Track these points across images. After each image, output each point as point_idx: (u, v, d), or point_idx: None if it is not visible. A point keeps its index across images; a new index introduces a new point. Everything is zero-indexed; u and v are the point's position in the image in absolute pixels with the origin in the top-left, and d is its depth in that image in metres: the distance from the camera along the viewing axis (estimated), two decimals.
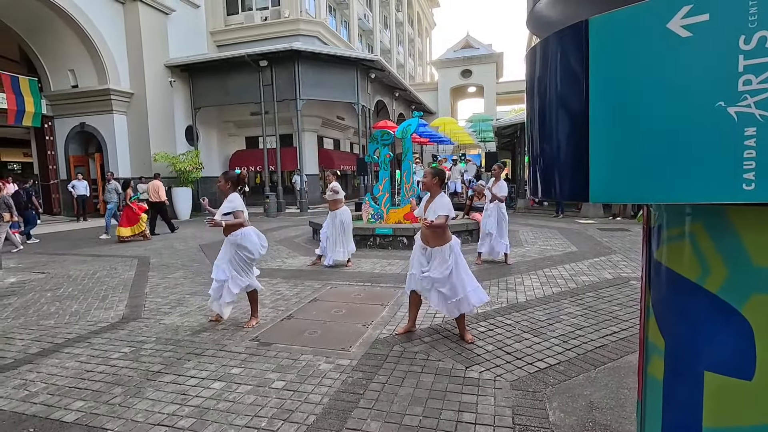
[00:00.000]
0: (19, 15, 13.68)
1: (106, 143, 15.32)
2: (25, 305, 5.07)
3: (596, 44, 0.73)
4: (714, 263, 0.81)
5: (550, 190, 0.87)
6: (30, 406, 2.74)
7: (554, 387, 2.83)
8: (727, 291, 0.79)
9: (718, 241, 0.80)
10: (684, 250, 0.87)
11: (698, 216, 0.84)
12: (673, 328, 0.90)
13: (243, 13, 19.58)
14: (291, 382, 2.96)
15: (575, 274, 5.80)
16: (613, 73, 0.72)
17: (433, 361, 3.23)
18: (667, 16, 0.66)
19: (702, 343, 0.84)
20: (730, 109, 0.63)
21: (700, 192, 0.66)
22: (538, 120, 0.90)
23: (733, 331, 0.79)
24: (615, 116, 0.73)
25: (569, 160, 0.80)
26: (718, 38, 0.63)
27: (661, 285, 0.93)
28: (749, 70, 0.61)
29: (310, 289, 5.38)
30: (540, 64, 0.88)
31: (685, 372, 0.87)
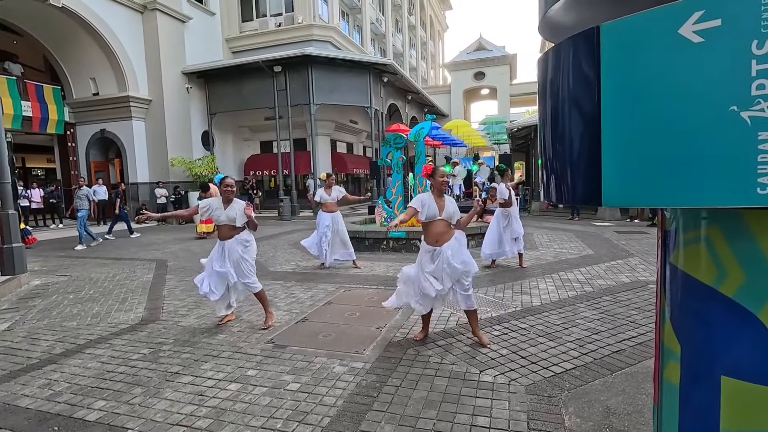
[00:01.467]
0: (45, 27, 14.16)
1: (125, 149, 15.71)
2: (48, 307, 5.23)
3: (608, 50, 0.74)
4: (730, 267, 0.81)
5: (563, 194, 0.88)
6: (54, 405, 2.83)
7: (570, 392, 2.80)
8: (743, 295, 0.79)
9: (734, 244, 0.80)
10: (700, 253, 0.86)
11: (714, 219, 0.84)
12: (689, 333, 0.89)
13: (257, 20, 19.88)
14: (306, 384, 2.99)
15: (591, 278, 5.72)
16: (625, 78, 0.73)
17: (447, 365, 3.22)
18: (679, 22, 0.66)
19: (719, 348, 0.83)
20: (743, 114, 0.63)
21: (714, 196, 0.66)
22: (551, 125, 0.91)
23: (751, 336, 0.78)
24: (627, 121, 0.73)
25: (582, 165, 0.81)
26: (731, 43, 0.63)
27: (676, 289, 0.92)
28: (762, 74, 0.61)
29: (324, 292, 5.42)
30: (552, 69, 0.89)
31: (702, 377, 0.86)
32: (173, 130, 15.95)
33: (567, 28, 1.06)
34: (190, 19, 16.75)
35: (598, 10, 0.99)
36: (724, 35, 0.64)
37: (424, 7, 40.46)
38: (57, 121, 15.02)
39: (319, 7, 19.68)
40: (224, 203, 4.13)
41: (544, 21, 1.00)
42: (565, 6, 0.94)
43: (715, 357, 0.84)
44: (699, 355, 0.87)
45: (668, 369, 0.96)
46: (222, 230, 4.16)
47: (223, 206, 4.12)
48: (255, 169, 19.26)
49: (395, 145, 9.17)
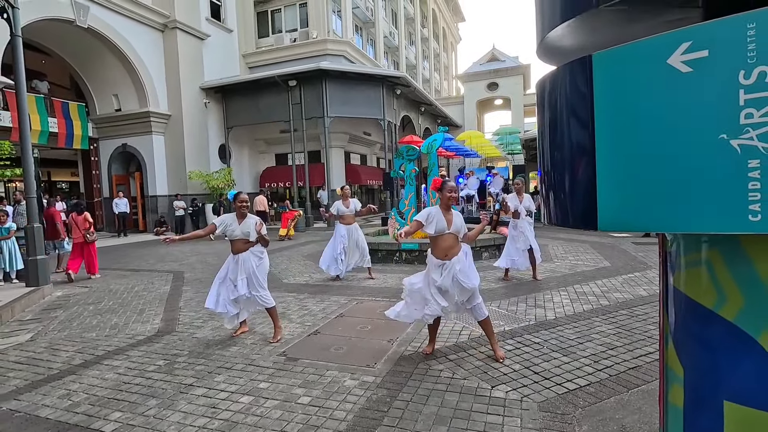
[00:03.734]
0: (72, 47, 14.77)
1: (145, 162, 16.15)
2: (69, 318, 5.37)
3: (600, 78, 0.75)
4: (730, 291, 0.81)
5: (562, 217, 0.89)
6: (72, 416, 2.89)
7: (584, 409, 2.74)
8: (743, 319, 0.78)
9: (733, 268, 0.80)
10: (701, 276, 0.86)
11: (714, 243, 0.84)
12: (691, 356, 0.89)
13: (273, 36, 20.38)
14: (317, 398, 3.00)
15: (608, 291, 5.61)
16: (617, 106, 0.74)
17: (459, 380, 3.20)
18: (668, 52, 0.68)
19: (721, 372, 0.82)
20: (732, 142, 0.64)
21: (707, 223, 0.67)
22: (549, 149, 0.93)
23: (752, 361, 0.77)
24: (620, 148, 0.74)
25: (579, 190, 0.82)
26: (719, 73, 0.65)
27: (678, 311, 0.92)
28: (750, 104, 0.62)
29: (336, 305, 5.44)
30: (548, 94, 0.91)
31: (705, 401, 0.85)
32: (191, 144, 16.35)
33: (565, 52, 1.08)
34: (209, 37, 17.26)
35: (595, 36, 1.01)
36: (711, 65, 0.65)
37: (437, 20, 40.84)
38: (81, 136, 15.57)
39: (333, 22, 20.08)
40: (238, 218, 4.22)
41: (542, 45, 1.02)
42: (562, 32, 0.96)
43: (717, 381, 0.83)
44: (702, 378, 0.86)
45: (672, 392, 0.95)
46: (237, 244, 4.23)
47: (238, 221, 4.21)
48: (270, 182, 19.55)
49: (408, 157, 9.22)
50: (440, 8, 41.08)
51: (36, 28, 12.56)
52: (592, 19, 0.92)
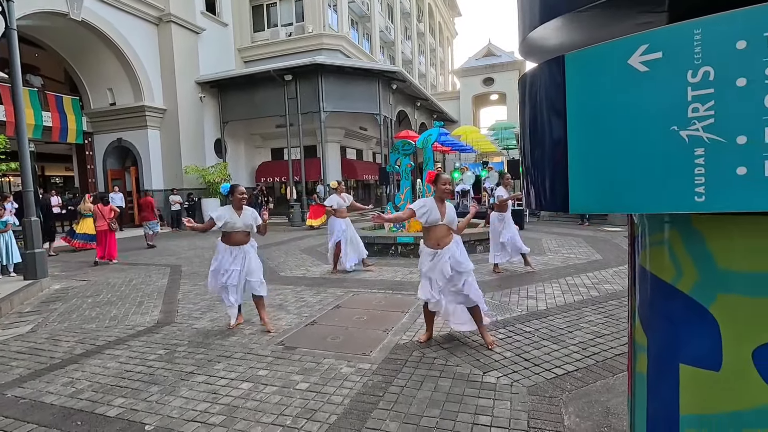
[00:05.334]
0: (65, 40, 14.67)
1: (141, 157, 16.11)
2: (69, 310, 5.43)
3: (571, 76, 0.84)
4: (686, 266, 0.90)
5: (539, 201, 0.98)
6: (77, 402, 2.98)
7: (571, 393, 2.86)
8: (697, 291, 0.88)
9: (689, 246, 0.89)
10: (662, 254, 0.96)
11: (674, 224, 0.93)
12: (653, 326, 0.99)
13: (268, 30, 20.29)
14: (314, 384, 3.10)
15: (598, 283, 5.74)
16: (586, 100, 0.83)
17: (451, 366, 3.31)
18: (628, 53, 0.77)
19: (677, 339, 0.92)
20: (682, 133, 0.73)
21: (660, 203, 0.76)
22: (529, 140, 1.02)
23: (704, 328, 0.87)
24: (588, 138, 0.83)
25: (554, 177, 0.91)
26: (670, 72, 0.73)
27: (644, 287, 1.02)
28: (696, 99, 0.71)
29: (333, 297, 5.53)
30: (528, 91, 1.00)
31: (664, 366, 0.95)
32: (187, 139, 16.32)
33: (546, 50, 1.17)
34: (204, 31, 17.17)
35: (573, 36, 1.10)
36: (665, 65, 0.74)
37: (433, 15, 40.74)
38: (76, 130, 15.47)
39: (329, 16, 20.01)
40: (237, 210, 4.29)
41: (523, 44, 1.11)
42: (542, 33, 1.05)
43: (675, 347, 0.93)
44: (662, 346, 0.96)
45: (638, 361, 1.05)
46: (237, 236, 4.30)
47: (237, 213, 4.28)
48: (266, 176, 19.55)
49: (404, 152, 9.31)
50: (436, 3, 40.96)
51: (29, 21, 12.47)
52: (568, 22, 1.00)
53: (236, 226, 4.26)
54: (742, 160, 0.69)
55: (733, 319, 0.84)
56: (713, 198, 0.71)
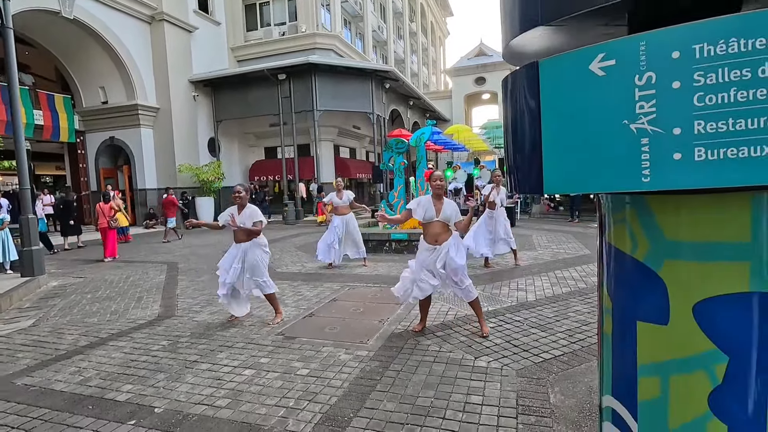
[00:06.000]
0: (57, 38, 14.60)
1: (134, 156, 16.09)
2: (69, 305, 5.52)
3: (544, 79, 1.00)
4: (640, 238, 1.07)
5: (519, 184, 1.15)
6: (86, 389, 3.10)
7: (557, 375, 3.04)
8: (648, 258, 1.04)
9: (642, 220, 1.05)
10: (623, 230, 1.12)
11: (631, 203, 1.10)
12: (617, 291, 1.15)
13: (262, 29, 20.32)
14: (314, 369, 3.25)
15: (586, 276, 5.95)
16: (556, 99, 0.99)
17: (445, 353, 3.48)
18: (588, 60, 0.93)
19: (635, 300, 1.08)
20: (631, 126, 0.89)
21: (615, 183, 0.92)
22: (511, 132, 1.18)
23: (654, 289, 1.03)
24: (557, 131, 0.99)
25: (531, 163, 1.07)
26: (622, 76, 0.89)
27: (608, 259, 1.18)
28: (642, 98, 0.88)
29: (329, 290, 5.68)
30: (510, 91, 1.16)
31: (625, 324, 1.11)
32: (180, 137, 16.33)
33: (524, 55, 1.33)
34: (197, 29, 17.18)
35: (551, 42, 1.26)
36: (618, 71, 0.90)
37: (425, 14, 40.94)
38: (68, 129, 15.39)
39: (322, 16, 20.10)
40: (238, 209, 4.41)
41: (507, 49, 1.27)
42: (521, 40, 1.22)
43: (633, 307, 1.09)
44: (623, 307, 1.12)
45: (605, 323, 1.21)
46: (238, 234, 4.42)
47: (237, 212, 4.40)
48: (260, 175, 19.61)
49: (397, 150, 9.46)
50: (428, 2, 41.17)
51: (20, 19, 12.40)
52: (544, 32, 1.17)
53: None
54: (678, 147, 0.85)
55: (677, 281, 1.00)
56: (656, 178, 0.88)
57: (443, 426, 2.44)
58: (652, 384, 1.06)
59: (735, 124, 0.81)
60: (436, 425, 2.46)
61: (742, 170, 0.82)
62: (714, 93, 0.83)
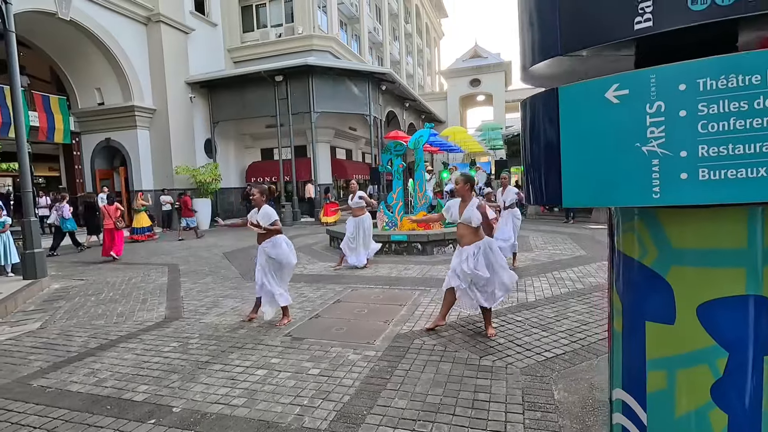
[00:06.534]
0: (53, 39, 14.55)
1: (130, 157, 16.05)
2: (74, 308, 5.56)
3: (563, 104, 1.12)
4: (649, 246, 1.18)
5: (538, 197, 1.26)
6: (102, 389, 3.17)
7: (560, 372, 3.17)
8: (656, 264, 1.16)
9: (651, 231, 1.17)
10: (632, 238, 1.24)
11: (639, 215, 1.22)
12: (626, 294, 1.27)
13: (258, 31, 20.35)
14: (325, 369, 3.35)
15: (583, 276, 6.10)
16: (574, 122, 1.10)
17: (451, 352, 3.59)
18: (605, 89, 1.04)
19: (643, 302, 1.20)
20: (643, 148, 1.01)
21: (628, 199, 1.04)
22: (530, 150, 1.29)
23: (662, 291, 1.15)
24: (576, 151, 1.11)
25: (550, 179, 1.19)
26: (634, 104, 1.01)
27: (618, 264, 1.30)
28: (653, 124, 0.99)
29: (332, 292, 5.77)
30: (529, 111, 1.27)
31: (634, 323, 1.23)
32: (177, 139, 16.32)
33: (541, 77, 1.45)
34: (193, 31, 17.17)
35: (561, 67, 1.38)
36: (631, 99, 1.01)
37: (420, 16, 41.13)
38: (63, 130, 15.32)
39: (318, 17, 20.17)
40: (257, 209, 4.50)
41: (524, 74, 1.39)
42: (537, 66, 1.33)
43: (641, 308, 1.21)
44: (632, 308, 1.24)
45: (615, 322, 1.33)
46: (258, 235, 4.50)
47: (257, 212, 4.50)
48: (256, 176, 19.62)
49: (395, 152, 9.57)
50: (423, 4, 41.37)
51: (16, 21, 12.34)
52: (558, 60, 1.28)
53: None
54: (685, 168, 0.97)
55: (683, 284, 1.12)
56: (666, 195, 0.99)
57: (454, 422, 2.55)
58: (660, 377, 1.18)
59: (734, 148, 0.93)
60: (447, 421, 2.57)
61: (740, 189, 0.94)
62: (716, 121, 0.95)
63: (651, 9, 0.98)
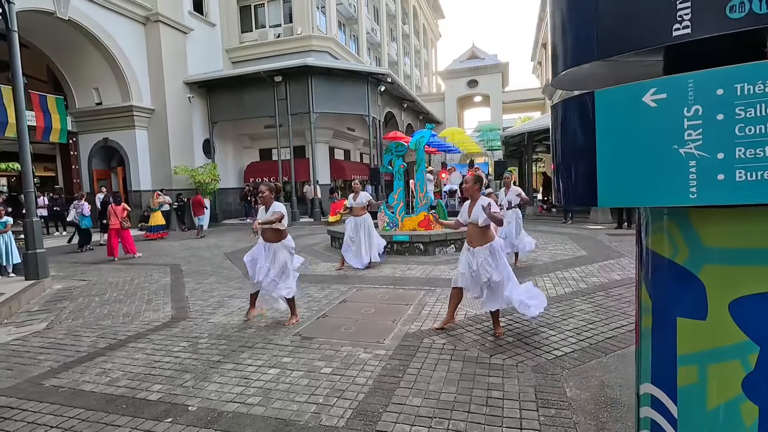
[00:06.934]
0: (50, 38, 14.47)
1: (128, 157, 15.99)
2: (78, 308, 5.55)
3: (600, 107, 1.15)
4: (680, 245, 1.23)
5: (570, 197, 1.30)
6: (116, 389, 3.18)
7: (570, 370, 3.21)
8: (689, 263, 1.20)
9: (682, 230, 1.21)
10: (663, 237, 1.28)
11: (669, 215, 1.26)
12: (657, 291, 1.31)
13: (257, 31, 20.33)
14: (337, 368, 3.38)
15: (586, 276, 6.16)
16: (611, 125, 1.14)
17: (461, 351, 3.63)
18: (642, 93, 1.08)
19: (675, 299, 1.24)
20: (680, 150, 1.05)
21: (665, 198, 1.08)
22: (562, 152, 1.33)
23: (694, 289, 1.19)
24: (612, 153, 1.15)
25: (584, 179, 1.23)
26: (672, 108, 1.05)
27: (649, 263, 1.34)
28: (690, 127, 1.03)
29: (337, 292, 5.80)
30: (562, 114, 1.31)
31: (665, 320, 1.27)
32: (176, 139, 16.27)
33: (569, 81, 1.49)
34: (192, 31, 17.14)
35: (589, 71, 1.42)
36: (668, 103, 1.05)
37: (418, 17, 41.23)
38: (60, 130, 15.23)
39: (317, 18, 20.18)
40: (266, 208, 4.51)
41: (555, 80, 1.43)
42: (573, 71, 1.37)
43: (673, 305, 1.25)
44: (663, 305, 1.28)
45: (644, 319, 1.37)
46: (266, 233, 4.50)
47: (265, 211, 4.50)
48: (255, 176, 19.59)
49: (396, 153, 9.61)
50: (420, 5, 41.47)
51: None
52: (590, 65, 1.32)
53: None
54: (721, 169, 1.01)
55: (715, 282, 1.16)
56: (702, 195, 1.03)
57: (470, 419, 2.59)
58: (691, 372, 1.22)
59: None
60: (463, 418, 2.60)
61: None
62: (752, 124, 0.99)
63: (690, 17, 1.02)
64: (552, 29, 1.36)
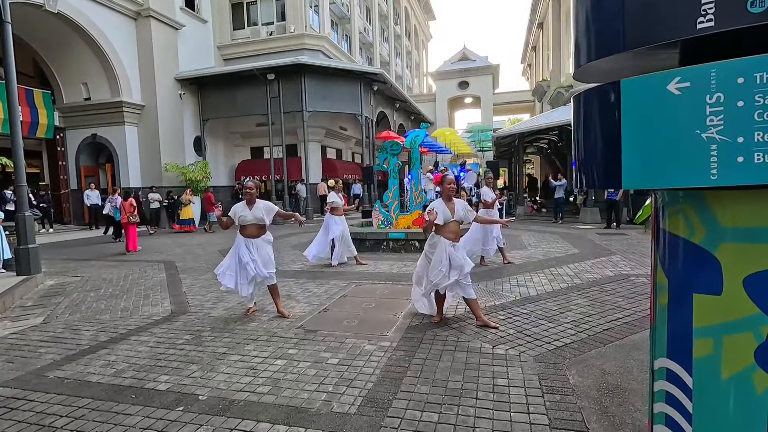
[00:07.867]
0: (38, 32, 14.19)
1: (117, 154, 15.76)
2: (74, 303, 5.49)
3: (626, 95, 1.23)
4: (697, 226, 1.31)
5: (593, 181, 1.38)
6: (123, 380, 3.18)
7: (571, 359, 3.31)
8: (705, 242, 1.29)
9: (699, 211, 1.30)
10: (679, 218, 1.37)
11: (685, 197, 1.35)
12: (673, 270, 1.39)
13: (249, 28, 20.22)
14: (343, 359, 3.42)
15: (579, 272, 6.31)
16: (636, 112, 1.22)
17: (463, 342, 3.71)
18: (667, 82, 1.16)
19: (692, 276, 1.33)
20: (703, 135, 1.13)
21: (687, 180, 1.16)
22: (583, 139, 1.41)
23: (711, 267, 1.28)
24: (637, 137, 1.22)
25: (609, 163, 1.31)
26: (695, 96, 1.13)
27: (664, 243, 1.43)
28: (712, 113, 1.12)
29: (336, 287, 5.84)
30: (585, 103, 1.39)
31: (681, 297, 1.35)
32: (166, 136, 16.10)
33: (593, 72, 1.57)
34: (183, 27, 16.98)
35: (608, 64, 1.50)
36: (692, 91, 1.14)
37: (409, 18, 41.42)
38: (47, 125, 14.95)
39: (310, 17, 20.16)
40: (248, 205, 4.54)
41: (578, 71, 1.50)
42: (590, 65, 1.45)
43: (689, 282, 1.33)
44: (680, 282, 1.36)
45: (660, 297, 1.45)
46: (249, 229, 4.54)
47: (248, 208, 4.53)
48: (246, 175, 19.45)
49: (392, 152, 9.67)
50: (412, 6, 41.67)
51: None
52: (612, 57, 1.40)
53: (247, 219, 4.51)
54: (741, 152, 1.09)
55: (730, 259, 1.25)
56: (722, 177, 1.12)
57: (478, 405, 2.66)
58: (706, 344, 1.30)
59: None
60: (471, 404, 2.67)
61: None
62: None
63: (713, 11, 1.11)
64: (575, 24, 1.44)
